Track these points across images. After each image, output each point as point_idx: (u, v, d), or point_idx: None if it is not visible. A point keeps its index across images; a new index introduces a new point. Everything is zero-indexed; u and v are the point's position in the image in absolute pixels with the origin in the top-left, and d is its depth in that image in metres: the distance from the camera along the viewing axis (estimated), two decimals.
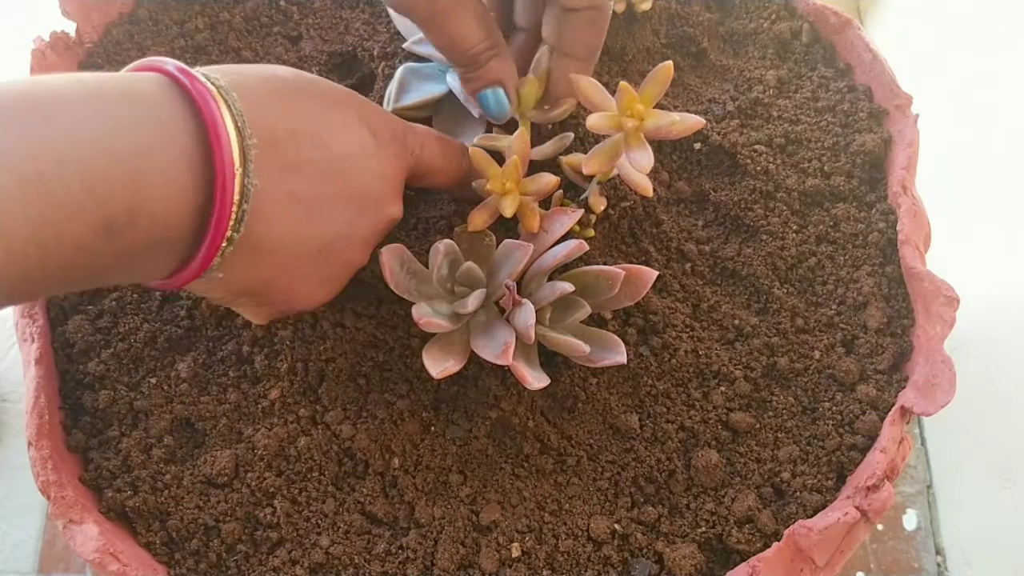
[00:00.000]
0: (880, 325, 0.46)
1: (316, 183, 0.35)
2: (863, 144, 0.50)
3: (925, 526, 0.61)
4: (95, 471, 0.42)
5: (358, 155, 0.36)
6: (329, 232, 0.36)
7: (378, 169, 0.37)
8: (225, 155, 0.30)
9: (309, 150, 0.34)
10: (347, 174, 0.36)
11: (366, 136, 0.37)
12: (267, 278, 0.36)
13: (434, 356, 0.39)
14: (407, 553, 0.40)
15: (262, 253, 0.34)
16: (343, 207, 0.36)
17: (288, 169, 0.33)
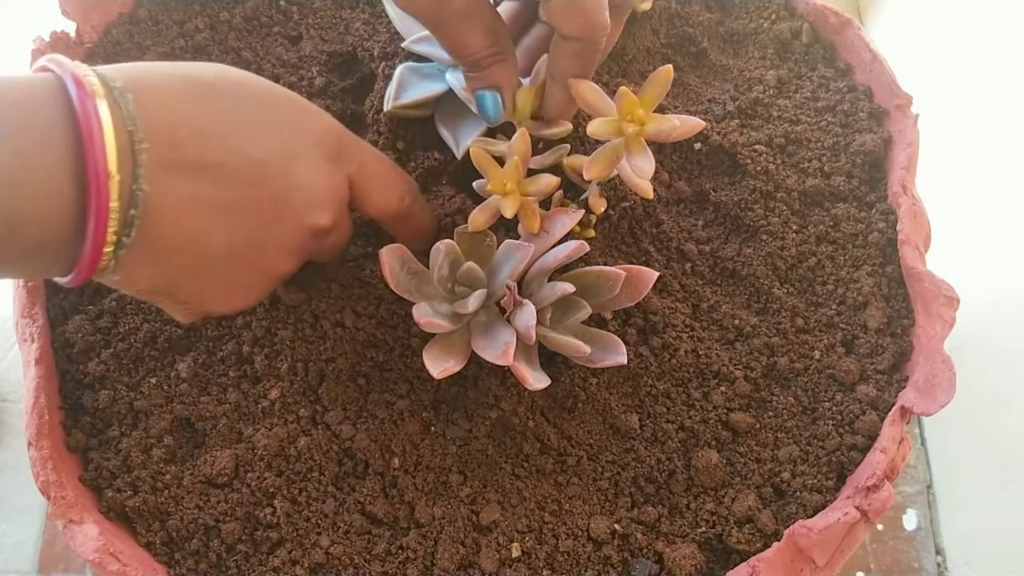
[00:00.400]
0: (880, 325, 0.46)
1: (223, 187, 0.33)
2: (863, 144, 0.50)
3: (925, 526, 0.61)
4: (95, 471, 0.42)
5: (276, 160, 0.35)
6: (237, 238, 0.34)
7: (300, 177, 0.35)
8: (99, 163, 0.30)
9: (217, 152, 0.33)
10: (262, 179, 0.34)
11: (289, 141, 0.35)
12: (173, 280, 0.35)
13: (434, 356, 0.39)
14: (407, 553, 0.40)
15: (163, 255, 0.33)
16: (254, 213, 0.35)
17: (190, 171, 0.32)
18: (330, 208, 0.37)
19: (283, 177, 0.35)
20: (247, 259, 0.36)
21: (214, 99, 0.34)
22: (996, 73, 0.65)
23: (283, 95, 0.37)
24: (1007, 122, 0.63)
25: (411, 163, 0.47)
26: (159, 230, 0.32)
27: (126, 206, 0.31)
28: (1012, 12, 0.64)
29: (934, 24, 0.74)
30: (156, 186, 0.31)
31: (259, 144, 0.34)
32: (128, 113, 0.31)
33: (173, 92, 0.32)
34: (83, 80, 0.30)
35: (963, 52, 0.69)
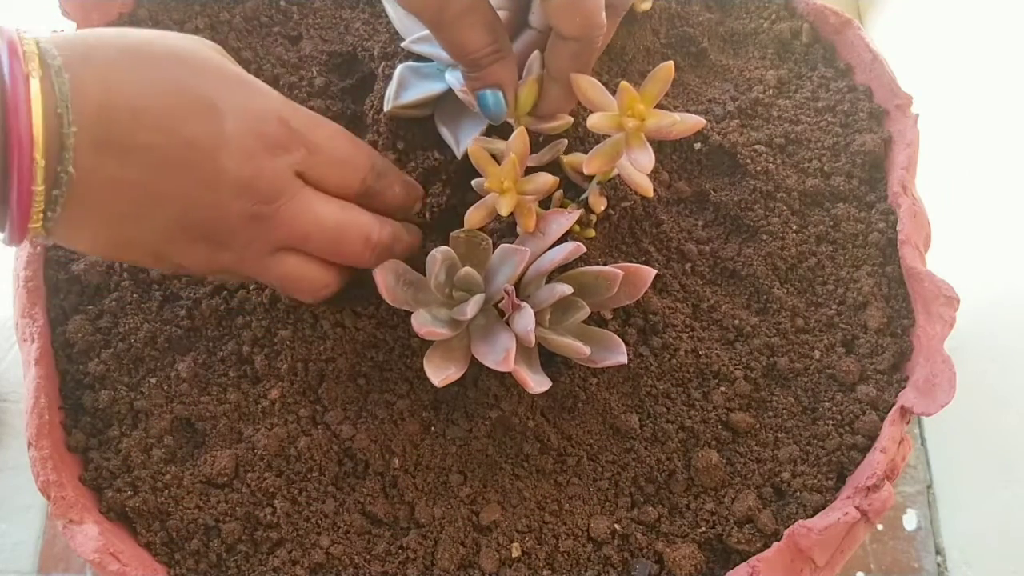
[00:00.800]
0: (880, 325, 0.46)
1: (149, 170, 0.33)
2: (863, 144, 0.50)
3: (925, 526, 0.61)
4: (95, 471, 0.42)
5: (207, 144, 0.33)
6: (165, 218, 0.34)
7: (227, 164, 0.34)
8: (24, 148, 0.30)
9: (148, 133, 0.32)
10: (189, 163, 0.33)
11: (226, 125, 0.34)
12: (113, 246, 0.35)
13: (435, 364, 0.39)
14: (407, 553, 0.40)
15: (94, 228, 0.34)
16: (180, 196, 0.34)
17: (118, 151, 0.32)
18: (259, 198, 0.35)
19: (210, 162, 0.34)
20: (185, 236, 0.35)
21: (156, 75, 0.33)
22: (996, 73, 0.65)
23: (232, 76, 0.35)
24: (1007, 122, 0.63)
25: (411, 163, 0.47)
26: (85, 208, 0.32)
27: (50, 187, 0.31)
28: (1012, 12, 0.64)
29: (934, 24, 0.74)
30: (82, 167, 0.31)
31: (193, 126, 0.33)
32: (61, 95, 0.30)
33: (115, 66, 0.32)
34: (18, 55, 0.30)
35: (963, 52, 0.69)
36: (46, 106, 0.30)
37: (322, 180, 0.38)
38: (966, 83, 0.68)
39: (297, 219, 0.37)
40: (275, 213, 0.36)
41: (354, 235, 0.39)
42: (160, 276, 0.46)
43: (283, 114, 0.36)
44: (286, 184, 0.36)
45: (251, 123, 0.35)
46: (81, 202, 0.32)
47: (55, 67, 0.31)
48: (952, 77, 0.69)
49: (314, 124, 0.37)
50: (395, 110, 0.47)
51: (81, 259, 0.46)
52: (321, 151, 0.37)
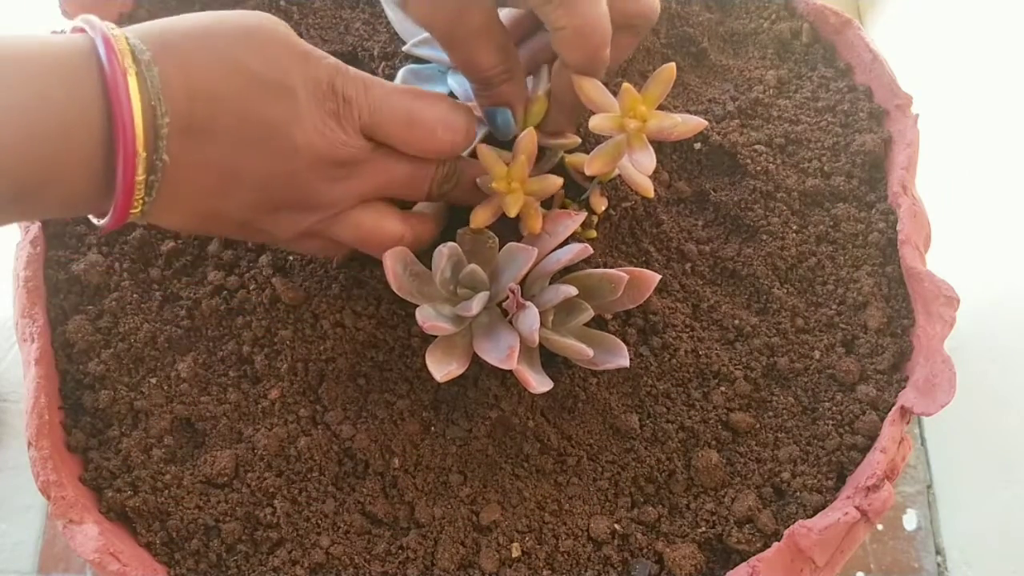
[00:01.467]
0: (880, 325, 0.46)
1: (230, 148, 0.35)
2: (863, 144, 0.50)
3: (925, 526, 0.61)
4: (95, 471, 0.42)
5: (281, 120, 0.35)
6: (249, 193, 0.36)
7: (300, 138, 0.36)
8: (128, 144, 0.32)
9: (227, 116, 0.34)
10: (266, 140, 0.35)
11: (296, 102, 0.35)
12: (202, 224, 0.38)
13: (437, 359, 0.39)
14: (407, 553, 0.40)
15: (185, 208, 0.36)
16: (261, 171, 0.36)
17: (201, 135, 0.34)
18: (333, 165, 0.37)
19: (285, 139, 0.35)
20: (268, 205, 0.37)
21: (228, 59, 0.34)
22: (996, 73, 0.65)
23: (296, 50, 0.36)
24: (1007, 122, 0.63)
25: None
26: (176, 190, 0.35)
27: (148, 175, 0.33)
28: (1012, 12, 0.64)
29: (934, 24, 0.74)
30: (173, 152, 0.33)
31: (266, 106, 0.35)
32: (154, 88, 0.32)
33: (191, 54, 0.34)
34: (115, 52, 0.32)
35: (963, 52, 0.69)
36: (143, 100, 0.32)
37: (390, 136, 0.39)
38: (966, 83, 0.68)
39: (371, 175, 0.39)
40: (350, 175, 0.38)
41: (423, 178, 0.41)
42: (160, 276, 0.46)
43: (336, 83, 0.37)
44: (358, 148, 0.38)
45: (318, 98, 0.36)
46: (173, 185, 0.34)
47: (145, 61, 0.32)
48: (952, 77, 0.69)
49: (365, 87, 0.38)
50: None
51: (81, 259, 0.46)
52: (379, 111, 0.38)
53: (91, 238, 0.47)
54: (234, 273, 0.46)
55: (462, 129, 0.40)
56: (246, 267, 0.46)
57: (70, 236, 0.47)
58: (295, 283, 0.45)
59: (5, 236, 0.46)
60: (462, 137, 0.40)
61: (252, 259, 0.46)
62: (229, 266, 0.46)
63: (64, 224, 0.47)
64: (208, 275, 0.45)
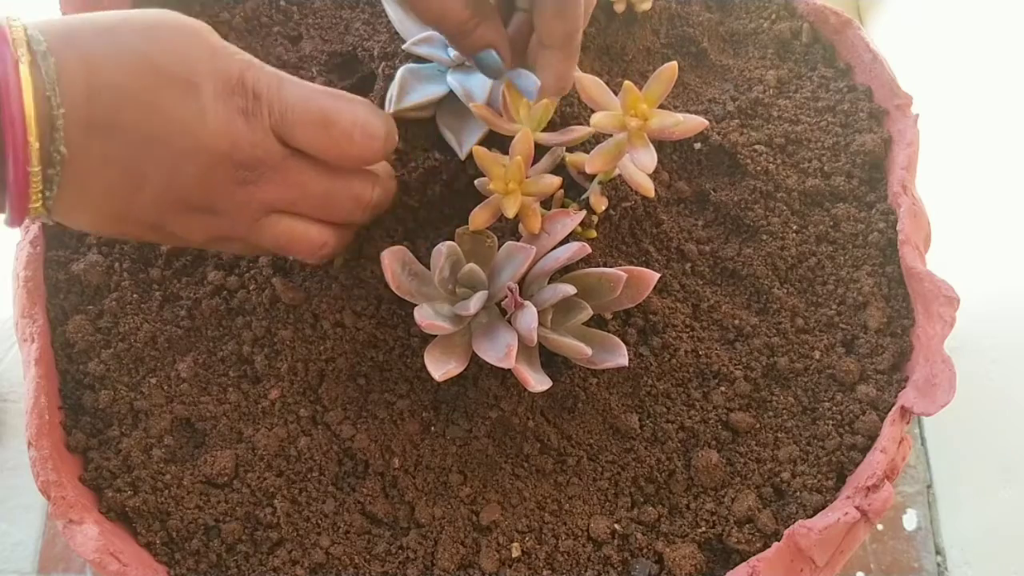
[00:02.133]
0: (880, 325, 0.46)
1: (133, 146, 0.34)
2: (863, 144, 0.50)
3: (925, 526, 0.61)
4: (95, 471, 0.42)
5: (187, 116, 0.34)
6: (155, 190, 0.35)
7: (205, 134, 0.34)
8: (17, 132, 0.31)
9: (130, 111, 0.33)
10: (170, 137, 0.34)
11: (201, 98, 0.34)
12: (112, 224, 0.37)
13: (436, 358, 0.39)
14: (407, 553, 0.40)
15: (92, 204, 0.35)
16: (166, 169, 0.35)
17: (103, 130, 0.33)
18: (239, 165, 0.36)
19: (190, 136, 0.34)
20: (177, 206, 0.36)
21: (134, 53, 0.34)
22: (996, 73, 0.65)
23: (205, 46, 0.35)
24: (1007, 122, 0.63)
25: (412, 163, 0.47)
26: (81, 185, 0.34)
27: (45, 167, 0.33)
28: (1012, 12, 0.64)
29: (934, 24, 0.74)
30: (73, 146, 0.33)
31: (170, 102, 0.34)
32: (48, 78, 0.32)
33: (96, 47, 0.33)
34: (7, 40, 0.31)
35: (963, 52, 0.69)
36: (36, 89, 0.31)
37: (304, 143, 0.37)
38: (966, 83, 0.68)
39: (282, 185, 0.37)
40: (259, 179, 0.36)
41: (344, 198, 0.39)
42: (160, 276, 0.46)
43: (246, 78, 0.35)
44: (266, 151, 0.36)
45: (225, 94, 0.35)
46: (76, 180, 0.33)
47: (40, 52, 0.32)
48: (952, 77, 0.69)
49: (278, 85, 0.36)
50: (397, 112, 0.47)
51: (81, 259, 0.46)
52: (292, 111, 0.36)
53: (91, 238, 0.47)
54: (234, 273, 0.46)
55: (381, 134, 0.38)
56: (246, 267, 0.46)
57: (70, 236, 0.47)
58: (295, 283, 0.45)
59: (5, 236, 0.46)
60: (381, 143, 0.38)
61: (252, 259, 0.46)
62: (229, 266, 0.46)
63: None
64: (208, 275, 0.45)
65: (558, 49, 0.40)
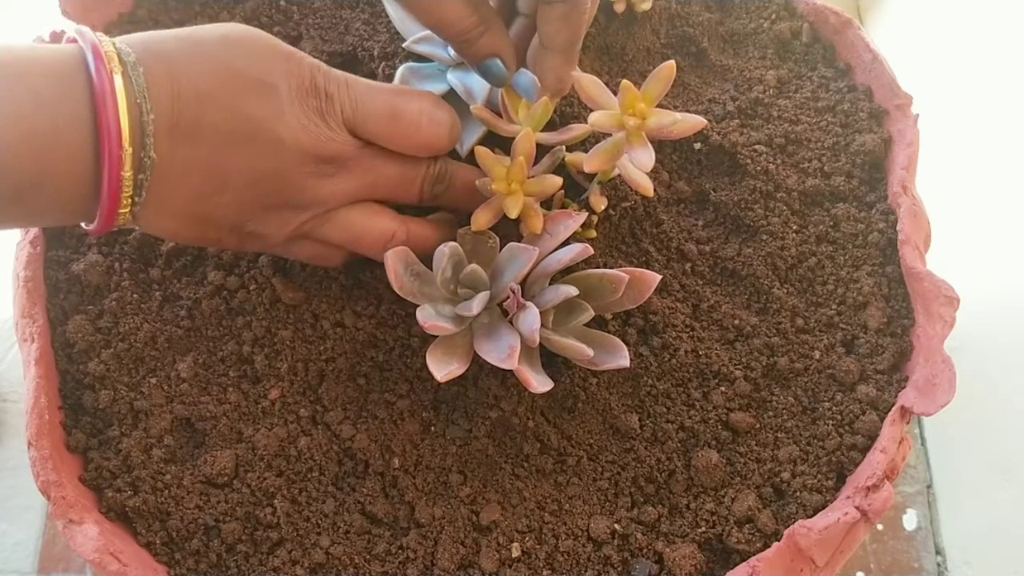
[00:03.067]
0: (880, 325, 0.46)
1: (218, 146, 0.36)
2: (863, 144, 0.50)
3: (925, 526, 0.61)
4: (95, 471, 0.42)
5: (266, 116, 0.36)
6: (238, 189, 0.37)
7: (286, 133, 0.37)
8: (112, 138, 0.33)
9: (213, 113, 0.35)
10: (253, 136, 0.36)
11: (279, 98, 0.36)
12: (194, 228, 0.38)
13: (437, 359, 0.39)
14: (407, 553, 0.40)
15: (176, 209, 0.37)
16: (248, 167, 0.36)
17: (189, 133, 0.35)
18: (319, 160, 0.38)
19: (270, 133, 0.36)
20: (259, 203, 0.38)
21: (213, 60, 0.36)
22: (996, 73, 0.65)
23: (278, 51, 0.37)
24: (1007, 122, 0.63)
25: None
26: (166, 189, 0.36)
27: (136, 172, 0.34)
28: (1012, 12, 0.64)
29: (934, 24, 0.74)
30: (161, 152, 0.35)
31: (250, 103, 0.36)
32: (139, 87, 0.34)
33: (178, 56, 0.35)
34: (102, 55, 0.33)
35: (963, 52, 0.69)
36: (128, 98, 0.34)
37: (375, 135, 0.39)
38: (966, 83, 0.68)
39: (359, 172, 0.39)
40: (338, 171, 0.38)
41: (416, 179, 0.41)
42: (160, 276, 0.46)
43: (317, 80, 0.38)
44: (343, 143, 0.38)
45: (300, 95, 0.37)
46: (163, 184, 0.35)
47: (130, 63, 0.34)
48: (952, 77, 0.69)
49: (348, 84, 0.39)
50: None
51: (81, 259, 0.46)
52: (363, 106, 0.39)
53: (91, 238, 0.47)
54: (234, 273, 0.46)
55: (447, 123, 0.40)
56: (246, 267, 0.46)
57: (70, 236, 0.47)
58: (295, 283, 0.45)
59: (5, 236, 0.46)
60: (447, 131, 0.41)
61: (252, 259, 0.46)
62: (229, 266, 0.46)
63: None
64: (208, 275, 0.45)
65: (560, 53, 0.41)
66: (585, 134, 0.42)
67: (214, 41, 0.36)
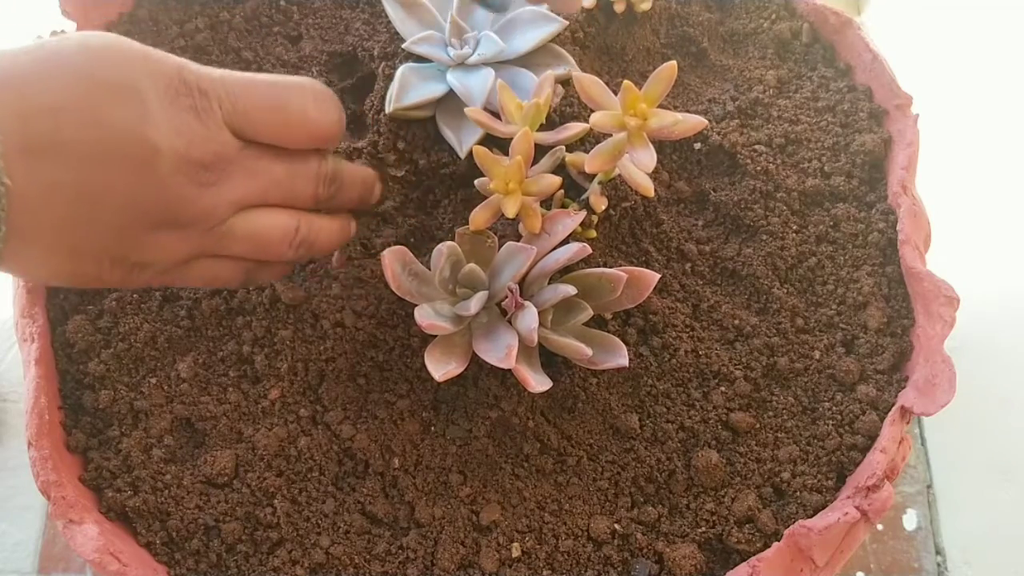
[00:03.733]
0: (880, 325, 0.46)
1: (83, 164, 0.31)
2: (863, 144, 0.50)
3: (925, 526, 0.61)
4: (95, 471, 0.42)
5: (132, 125, 0.32)
6: (114, 210, 0.32)
7: (157, 138, 0.32)
8: None
9: (71, 128, 0.31)
10: (122, 148, 0.32)
11: (144, 102, 0.32)
12: (68, 264, 0.34)
13: (436, 358, 0.39)
14: (407, 553, 0.40)
15: (42, 246, 0.32)
16: (121, 185, 0.32)
17: (47, 154, 0.31)
18: (200, 165, 0.34)
19: (141, 142, 0.32)
20: (140, 225, 0.33)
21: (68, 73, 0.32)
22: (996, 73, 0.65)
23: (137, 53, 0.33)
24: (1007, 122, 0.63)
25: (412, 163, 0.47)
26: (29, 219, 0.31)
27: None
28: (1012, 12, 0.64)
29: (934, 24, 0.74)
30: (16, 177, 0.30)
31: (114, 111, 0.32)
32: None
33: (28, 74, 0.31)
34: None
35: (963, 52, 0.69)
36: None
37: (260, 129, 0.36)
38: (966, 83, 0.68)
39: (245, 176, 0.35)
40: (220, 177, 0.34)
41: (307, 177, 0.38)
42: None
43: (186, 76, 0.34)
44: (223, 144, 0.34)
45: (169, 94, 0.33)
46: (23, 213, 0.31)
47: None
48: (952, 77, 0.69)
49: (220, 77, 0.35)
50: (397, 111, 0.47)
51: None
52: (243, 98, 0.35)
53: None
54: None
55: (335, 108, 0.38)
56: None
57: None
58: (295, 283, 0.45)
59: None
60: (336, 117, 0.38)
61: None
62: None
63: None
64: None
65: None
66: (582, 133, 0.42)
67: (71, 51, 0.32)
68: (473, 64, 0.47)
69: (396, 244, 0.42)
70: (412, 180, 0.49)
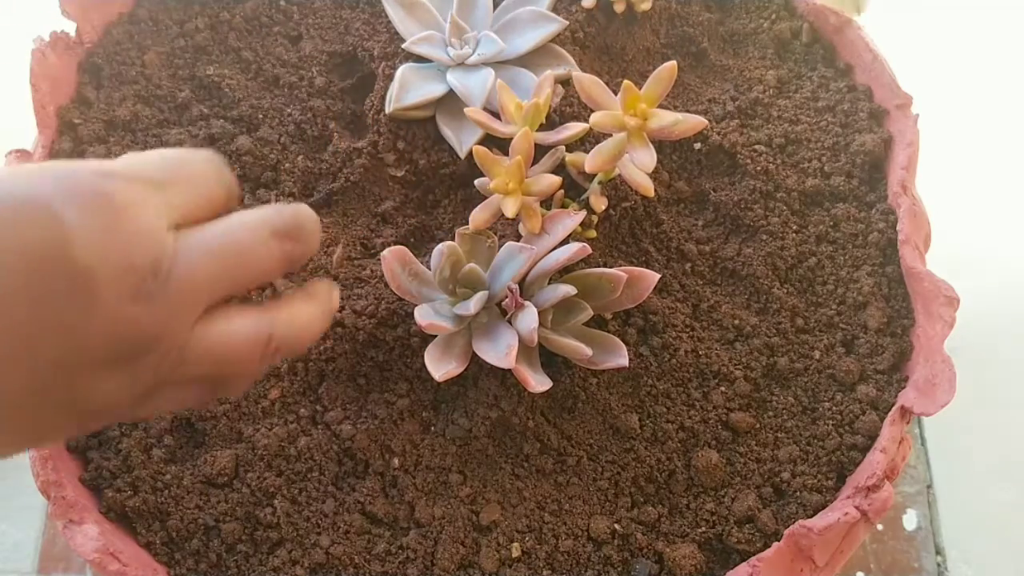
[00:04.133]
0: (880, 325, 0.46)
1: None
2: (863, 144, 0.50)
3: (925, 526, 0.61)
4: (95, 471, 0.42)
5: (50, 246, 0.25)
6: (46, 361, 0.26)
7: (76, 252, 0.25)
8: None
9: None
10: (44, 276, 0.25)
11: (54, 213, 0.25)
12: (11, 422, 0.27)
13: (436, 358, 0.39)
14: (407, 553, 0.40)
15: None
16: (48, 326, 0.25)
17: None
18: (141, 273, 0.27)
19: (67, 262, 0.26)
20: (86, 362, 0.27)
21: None
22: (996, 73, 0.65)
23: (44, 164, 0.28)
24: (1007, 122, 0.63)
25: (411, 163, 0.47)
26: None
27: None
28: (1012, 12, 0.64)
29: (934, 24, 0.74)
30: None
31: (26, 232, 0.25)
32: None
33: None
34: None
35: (963, 52, 0.69)
36: None
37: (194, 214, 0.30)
38: (966, 83, 0.68)
39: (195, 271, 0.28)
40: (166, 282, 0.28)
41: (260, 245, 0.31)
42: None
43: (105, 170, 0.28)
44: (160, 242, 0.28)
45: (88, 197, 0.27)
46: None
47: None
48: (952, 77, 0.69)
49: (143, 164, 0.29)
50: (397, 111, 0.47)
51: None
52: (178, 183, 0.30)
53: None
54: None
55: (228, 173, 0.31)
56: None
57: None
58: (295, 283, 0.45)
59: None
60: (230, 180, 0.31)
61: None
62: None
63: None
64: None
65: None
66: (582, 133, 0.42)
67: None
68: (473, 64, 0.47)
69: (396, 244, 0.42)
70: (412, 180, 0.49)
